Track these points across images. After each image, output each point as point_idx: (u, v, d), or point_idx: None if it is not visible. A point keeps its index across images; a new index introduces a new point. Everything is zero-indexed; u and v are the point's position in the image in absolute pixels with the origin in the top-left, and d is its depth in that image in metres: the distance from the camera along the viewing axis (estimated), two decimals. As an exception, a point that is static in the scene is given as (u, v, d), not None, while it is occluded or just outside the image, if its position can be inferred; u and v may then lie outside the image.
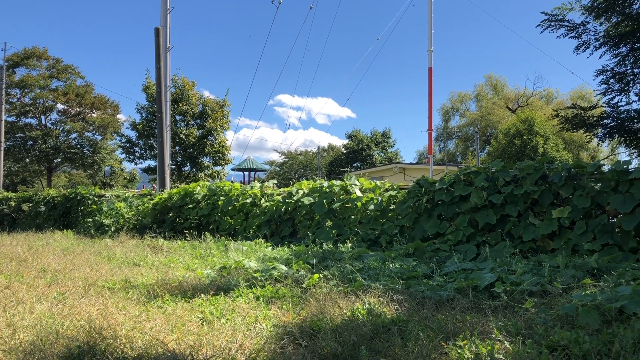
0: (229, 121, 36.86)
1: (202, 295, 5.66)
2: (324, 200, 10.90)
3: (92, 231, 14.71)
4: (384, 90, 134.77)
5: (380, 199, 10.34)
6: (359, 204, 10.54)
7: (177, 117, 35.14)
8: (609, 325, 3.99)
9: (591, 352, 3.43)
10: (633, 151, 11.99)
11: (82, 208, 17.09)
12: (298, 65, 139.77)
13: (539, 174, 8.20)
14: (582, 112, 11.71)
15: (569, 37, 10.98)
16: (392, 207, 10.16)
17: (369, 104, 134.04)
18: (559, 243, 7.62)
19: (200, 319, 4.79)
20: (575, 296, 4.59)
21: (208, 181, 35.55)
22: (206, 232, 11.85)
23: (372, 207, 10.30)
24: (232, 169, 40.81)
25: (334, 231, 10.24)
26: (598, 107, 11.70)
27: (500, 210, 8.39)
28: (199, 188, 13.86)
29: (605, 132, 11.35)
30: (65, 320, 4.62)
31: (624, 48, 11.00)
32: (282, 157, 73.37)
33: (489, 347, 3.58)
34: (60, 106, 46.31)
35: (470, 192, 8.80)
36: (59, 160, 46.37)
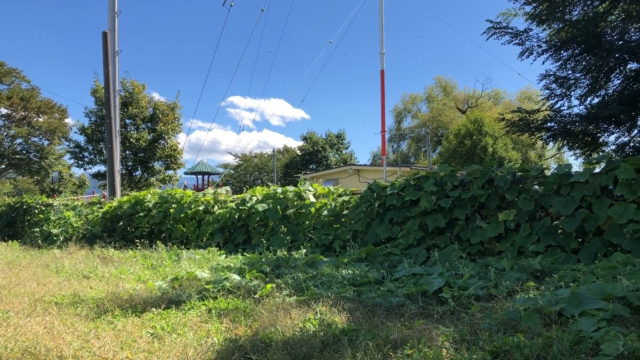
0: (181, 124, 36.38)
1: (154, 309, 5.61)
2: (278, 207, 10.92)
3: (39, 242, 14.30)
4: (337, 92, 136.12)
5: (333, 204, 10.44)
6: (312, 209, 10.61)
7: (127, 121, 34.44)
8: (549, 328, 4.16)
9: (531, 357, 3.58)
10: (577, 152, 12.44)
11: (28, 217, 16.58)
12: (251, 66, 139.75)
13: (486, 178, 8.45)
14: (527, 115, 12.09)
15: (513, 44, 11.30)
16: (346, 212, 10.26)
17: (323, 106, 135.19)
18: (505, 245, 7.86)
19: (151, 335, 4.75)
20: (519, 300, 4.77)
21: (160, 186, 35.11)
22: (158, 241, 11.71)
23: (325, 212, 10.39)
24: (185, 173, 40.31)
25: (288, 237, 10.28)
26: (542, 111, 12.11)
27: (449, 214, 8.59)
28: (150, 196, 13.68)
29: (549, 135, 11.76)
30: (9, 343, 4.50)
31: (565, 53, 11.41)
32: (237, 159, 72.93)
33: (435, 355, 3.70)
34: (3, 110, 44.70)
35: (420, 197, 8.99)
36: (4, 166, 44.76)
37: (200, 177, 40.71)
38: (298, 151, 69.53)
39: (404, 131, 63.17)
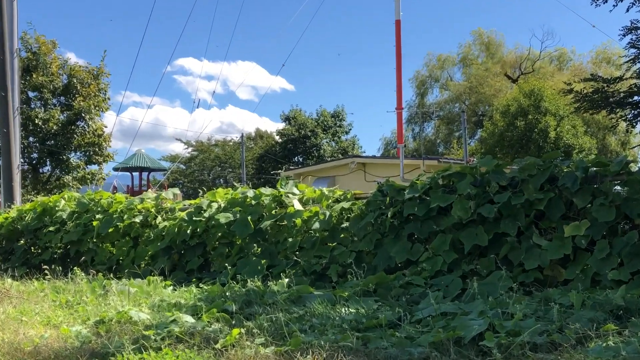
0: (108, 98, 36.28)
1: (70, 366, 5.60)
2: (249, 217, 10.91)
3: None
4: (334, 53, 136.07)
5: (328, 213, 10.41)
6: (298, 221, 10.58)
7: (31, 94, 34.33)
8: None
9: None
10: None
11: None
12: (208, 16, 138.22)
13: (546, 175, 8.39)
14: (605, 86, 12.15)
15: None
16: (346, 224, 10.23)
17: (313, 73, 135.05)
18: (573, 271, 7.85)
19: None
20: (593, 350, 4.79)
21: (78, 188, 35.03)
22: (76, 267, 11.64)
23: (317, 225, 10.34)
24: (116, 169, 40.34)
25: (263, 261, 10.25)
26: (626, 79, 12.18)
27: (494, 227, 8.56)
28: (63, 202, 13.61)
29: (637, 113, 11.83)
30: None
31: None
32: (189, 149, 72.88)
33: None
34: None
35: (452, 203, 8.96)
36: None
37: (136, 174, 40.75)
38: (277, 137, 69.44)
39: (430, 108, 63.61)
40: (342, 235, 10.15)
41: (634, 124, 12.10)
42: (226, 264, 10.57)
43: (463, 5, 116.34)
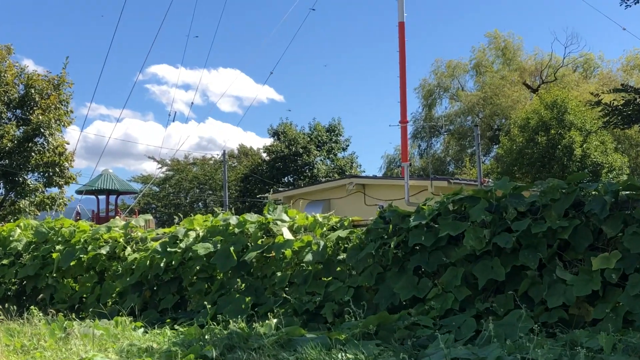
0: (71, 111, 36.29)
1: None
2: (232, 248, 10.87)
3: None
4: (327, 60, 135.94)
5: (322, 243, 10.38)
6: (288, 252, 10.55)
7: (-18, 107, 34.31)
8: None
9: None
10: None
11: None
12: (186, 18, 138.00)
13: (571, 200, 8.42)
14: (638, 97, 12.18)
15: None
16: (343, 256, 10.23)
17: (305, 81, 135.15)
18: (603, 310, 7.79)
19: None
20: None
21: (36, 215, 34.86)
22: (32, 306, 11.55)
23: (309, 257, 10.31)
24: (79, 192, 40.16)
25: (247, 298, 10.22)
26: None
27: (512, 259, 8.55)
28: (19, 231, 13.51)
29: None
30: None
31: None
32: (164, 169, 72.75)
33: None
34: None
35: (464, 231, 8.94)
36: None
37: (103, 198, 40.66)
38: (265, 154, 69.22)
39: (438, 121, 63.57)
40: (338, 269, 10.12)
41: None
42: (205, 302, 10.46)
43: (475, 5, 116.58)
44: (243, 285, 10.74)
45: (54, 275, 12.58)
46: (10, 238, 13.46)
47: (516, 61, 62.91)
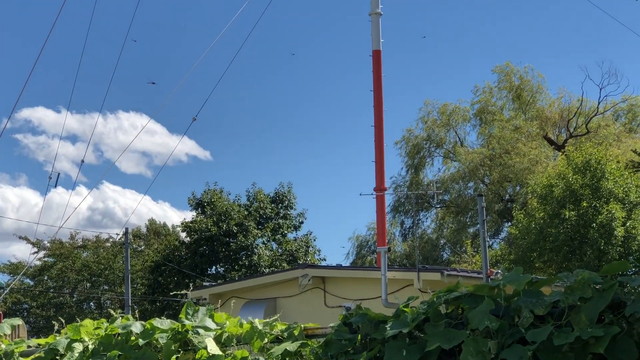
0: None
1: None
2: (133, 368, 9.02)
3: None
4: (272, 102, 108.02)
5: (262, 361, 8.67)
6: (213, 375, 8.80)
7: None
8: None
9: None
10: None
11: None
12: (74, 40, 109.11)
13: (607, 299, 6.82)
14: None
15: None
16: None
17: (242, 132, 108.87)
18: None
19: None
20: None
21: None
22: None
23: (245, 381, 8.72)
24: None
25: None
26: None
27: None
28: None
29: None
30: None
31: None
32: (41, 254, 65.76)
33: None
34: None
35: (461, 343, 7.41)
36: None
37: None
38: (184, 234, 60.07)
39: (428, 188, 54.22)
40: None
41: None
42: None
43: (478, 31, 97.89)
44: None
45: None
46: None
47: (535, 106, 56.94)
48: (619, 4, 65.95)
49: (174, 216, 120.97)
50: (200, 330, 9.22)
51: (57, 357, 9.97)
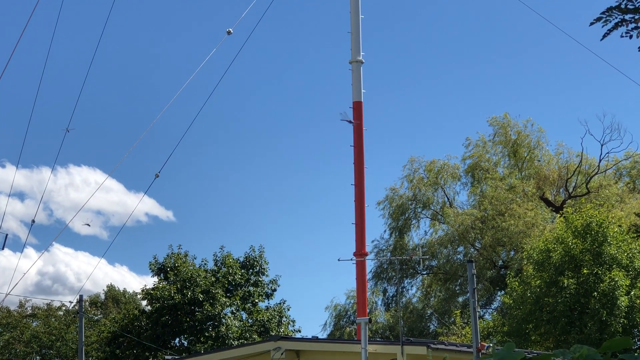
0: None
1: None
2: None
3: None
4: (239, 155, 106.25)
5: None
6: None
7: None
8: None
9: None
10: None
11: None
12: (20, 98, 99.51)
13: None
14: None
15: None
16: None
17: (208, 190, 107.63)
18: None
19: None
20: None
21: None
22: None
23: None
24: None
25: None
26: None
27: None
28: None
29: None
30: None
31: None
32: None
33: None
34: None
35: None
36: None
37: None
38: (144, 302, 57.17)
39: (414, 253, 53.07)
40: None
41: None
42: None
43: (469, 83, 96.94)
44: None
45: None
46: None
47: (531, 165, 55.37)
48: (622, 55, 64.06)
49: (133, 281, 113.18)
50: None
51: None
